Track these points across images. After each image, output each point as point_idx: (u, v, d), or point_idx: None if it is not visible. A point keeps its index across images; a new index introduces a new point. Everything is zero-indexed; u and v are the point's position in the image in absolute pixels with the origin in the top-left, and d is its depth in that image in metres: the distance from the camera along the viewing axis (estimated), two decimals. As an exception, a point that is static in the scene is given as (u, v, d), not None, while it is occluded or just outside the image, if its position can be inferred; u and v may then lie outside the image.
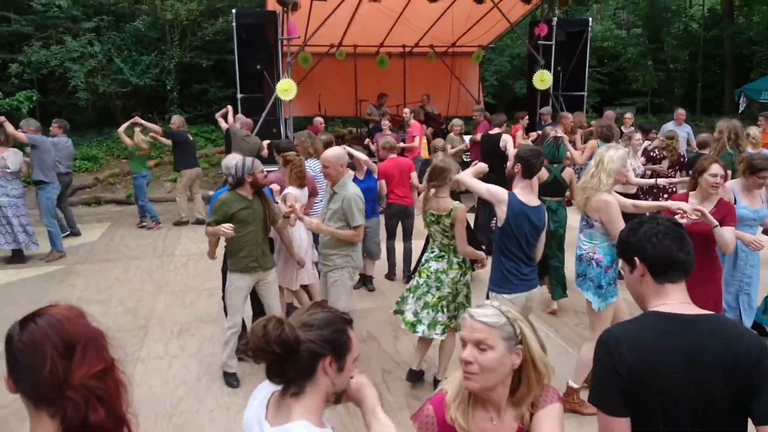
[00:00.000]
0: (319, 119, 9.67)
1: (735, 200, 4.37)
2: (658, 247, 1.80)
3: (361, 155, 6.19)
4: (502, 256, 3.79)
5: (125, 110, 15.60)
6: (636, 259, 1.85)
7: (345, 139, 13.18)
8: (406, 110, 9.93)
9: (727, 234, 3.76)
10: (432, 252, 4.36)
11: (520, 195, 3.74)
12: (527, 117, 10.04)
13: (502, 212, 3.72)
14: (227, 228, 4.26)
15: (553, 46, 11.71)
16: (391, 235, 6.83)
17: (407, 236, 6.79)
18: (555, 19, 11.90)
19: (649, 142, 7.86)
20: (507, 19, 11.70)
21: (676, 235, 1.82)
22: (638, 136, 7.49)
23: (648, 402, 1.69)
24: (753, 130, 7.32)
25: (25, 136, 7.66)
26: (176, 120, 9.92)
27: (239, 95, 10.77)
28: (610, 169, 3.87)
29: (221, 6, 15.44)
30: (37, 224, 8.18)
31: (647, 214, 3.76)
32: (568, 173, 5.86)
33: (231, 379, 4.62)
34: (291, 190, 5.03)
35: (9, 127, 7.52)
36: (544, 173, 5.66)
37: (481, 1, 10.86)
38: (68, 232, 8.89)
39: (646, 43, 20.30)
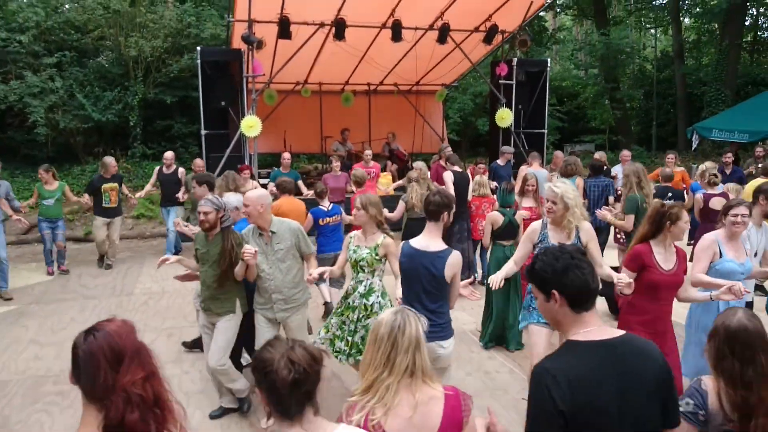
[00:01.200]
0: (286, 155, 9.62)
1: (720, 253, 4.11)
2: (575, 281, 1.91)
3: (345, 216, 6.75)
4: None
5: (87, 146, 15.36)
6: (554, 291, 1.93)
7: (310, 175, 13.18)
8: (368, 151, 9.94)
9: (699, 296, 3.91)
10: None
11: (419, 240, 3.66)
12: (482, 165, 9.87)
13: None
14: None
15: (514, 86, 12.06)
16: None
17: None
18: (515, 59, 12.29)
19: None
20: (469, 59, 12.04)
21: (590, 267, 1.95)
22: None
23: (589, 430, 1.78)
24: (709, 164, 7.81)
25: None
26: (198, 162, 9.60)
27: (203, 131, 10.75)
28: (577, 202, 3.98)
29: (186, 43, 15.46)
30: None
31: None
32: (520, 216, 6.15)
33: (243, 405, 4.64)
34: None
35: None
36: (498, 218, 6.01)
37: (444, 41, 11.14)
38: None
39: (603, 83, 21.02)
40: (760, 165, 10.06)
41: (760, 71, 20.63)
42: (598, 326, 1.93)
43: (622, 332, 1.94)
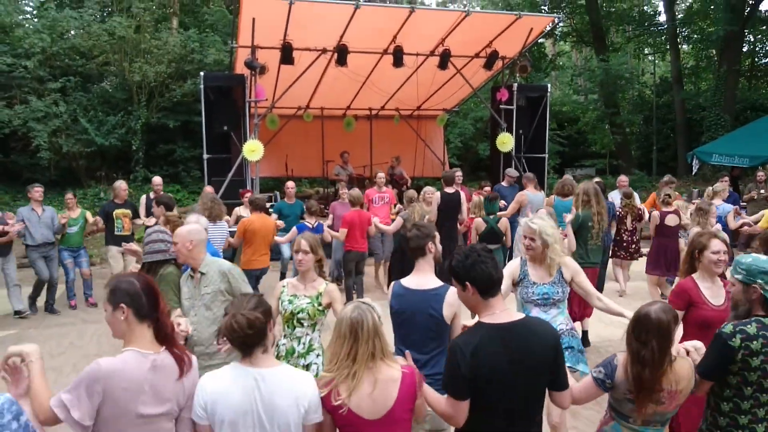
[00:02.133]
0: (290, 184, 9.30)
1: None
2: (483, 273, 2.37)
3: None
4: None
5: (89, 170, 15.44)
6: (467, 283, 2.39)
7: (312, 199, 13.20)
8: (380, 174, 9.47)
9: None
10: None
11: (411, 279, 3.30)
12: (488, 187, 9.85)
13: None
14: None
15: (514, 110, 12.14)
16: (348, 275, 7.81)
17: (359, 272, 7.87)
18: (515, 84, 12.40)
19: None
20: (470, 84, 12.15)
21: (493, 261, 2.40)
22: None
23: (486, 392, 2.31)
24: (718, 186, 8.26)
25: None
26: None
27: (206, 156, 10.80)
28: (556, 238, 3.81)
29: (189, 69, 15.64)
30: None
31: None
32: (503, 224, 6.78)
33: None
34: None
35: None
36: (481, 224, 6.69)
37: (444, 67, 11.25)
38: None
39: (603, 108, 21.16)
40: (762, 191, 10.11)
41: (759, 96, 20.78)
42: (501, 310, 2.39)
43: (522, 316, 2.45)
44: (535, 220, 3.83)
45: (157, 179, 9.00)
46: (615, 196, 9.46)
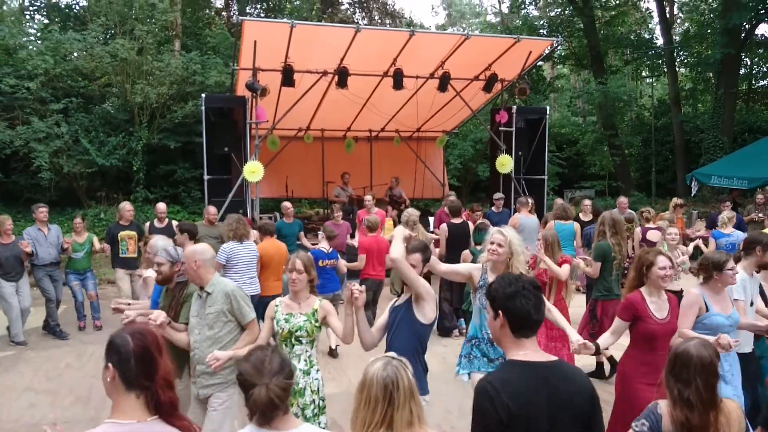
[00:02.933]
0: (287, 204, 9.37)
1: (707, 308, 3.98)
2: (521, 309, 2.13)
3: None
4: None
5: (90, 190, 15.47)
6: (501, 312, 2.17)
7: (311, 220, 13.22)
8: (368, 197, 9.57)
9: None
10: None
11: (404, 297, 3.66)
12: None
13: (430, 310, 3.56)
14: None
15: (514, 132, 12.21)
16: (366, 306, 7.03)
17: (374, 303, 7.49)
18: (514, 107, 12.50)
19: None
20: (469, 106, 12.24)
21: (537, 299, 2.16)
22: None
23: None
24: (727, 214, 8.02)
25: None
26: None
27: (206, 176, 10.84)
28: (522, 250, 4.06)
29: (191, 90, 15.75)
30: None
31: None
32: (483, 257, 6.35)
33: None
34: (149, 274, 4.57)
35: None
36: (468, 256, 6.36)
37: (444, 89, 11.34)
38: None
39: (602, 130, 21.28)
40: (761, 213, 10.12)
41: (756, 119, 20.92)
42: (534, 350, 2.17)
43: (554, 358, 2.23)
44: (505, 230, 4.05)
45: (161, 206, 8.84)
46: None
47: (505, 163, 11.88)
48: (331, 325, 3.72)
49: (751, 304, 4.43)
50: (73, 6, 19.70)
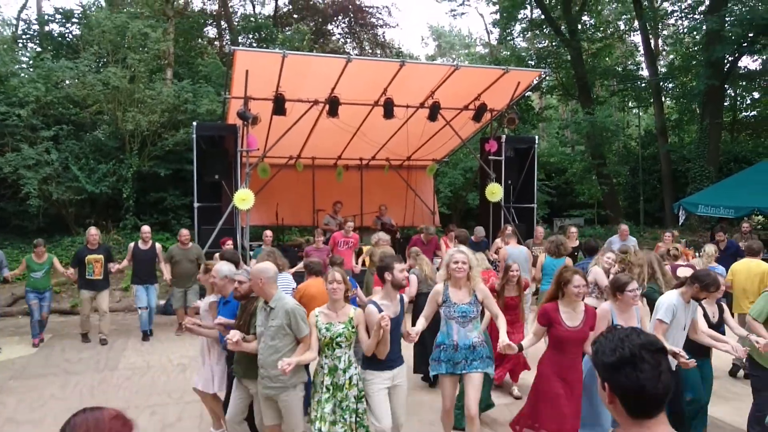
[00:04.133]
0: (268, 233, 9.75)
1: (612, 322, 4.55)
2: (627, 382, 1.62)
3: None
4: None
5: (78, 218, 15.38)
6: (607, 384, 1.66)
7: (302, 248, 13.18)
8: (350, 222, 10.14)
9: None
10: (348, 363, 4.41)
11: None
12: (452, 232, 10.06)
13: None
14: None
15: (503, 161, 12.33)
16: None
17: None
18: (503, 136, 12.65)
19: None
20: (459, 135, 12.36)
21: (653, 368, 1.62)
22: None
23: None
24: (709, 248, 7.98)
25: None
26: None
27: (196, 204, 10.83)
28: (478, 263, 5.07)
29: (182, 118, 15.81)
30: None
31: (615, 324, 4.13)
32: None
33: None
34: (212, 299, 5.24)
35: None
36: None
37: (434, 119, 11.45)
38: None
39: (590, 159, 21.51)
40: (746, 242, 10.19)
41: (741, 149, 21.26)
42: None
43: None
44: (462, 248, 4.81)
45: (145, 228, 9.46)
46: (615, 242, 9.47)
47: (495, 192, 11.97)
48: (359, 334, 4.35)
49: (684, 327, 4.84)
50: (66, 35, 19.83)
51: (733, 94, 22.80)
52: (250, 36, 22.98)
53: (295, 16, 25.64)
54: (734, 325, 5.40)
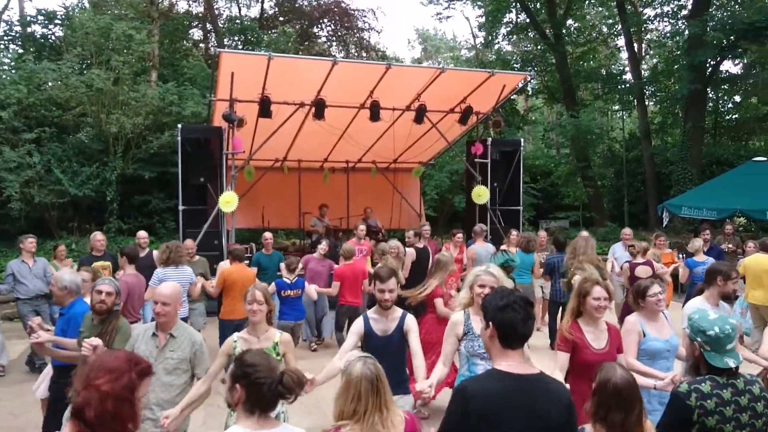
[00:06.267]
0: (267, 235, 9.35)
1: (644, 334, 4.00)
2: (509, 320, 2.28)
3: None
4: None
5: (61, 221, 15.20)
6: (491, 323, 2.33)
7: (288, 251, 13.14)
8: (362, 226, 9.57)
9: (642, 381, 3.49)
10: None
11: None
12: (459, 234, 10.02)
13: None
14: None
15: (489, 164, 12.38)
16: (340, 329, 7.81)
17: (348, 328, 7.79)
18: (489, 139, 12.69)
19: None
20: (445, 138, 12.38)
21: (526, 314, 2.30)
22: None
23: None
24: (699, 241, 8.25)
25: None
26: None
27: (181, 207, 10.75)
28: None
29: (167, 121, 15.70)
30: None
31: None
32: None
33: None
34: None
35: None
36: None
37: (420, 121, 11.47)
38: None
39: (575, 162, 21.67)
40: (730, 244, 10.32)
41: (723, 152, 21.51)
42: (519, 362, 2.29)
43: (537, 371, 2.32)
44: (492, 269, 3.90)
45: (142, 233, 8.80)
46: (618, 249, 9.48)
47: (482, 194, 12.00)
48: (287, 362, 3.67)
49: None
50: (49, 36, 19.61)
51: (715, 98, 23.07)
52: (236, 38, 22.88)
53: (281, 18, 25.58)
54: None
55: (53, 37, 19.52)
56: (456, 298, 4.40)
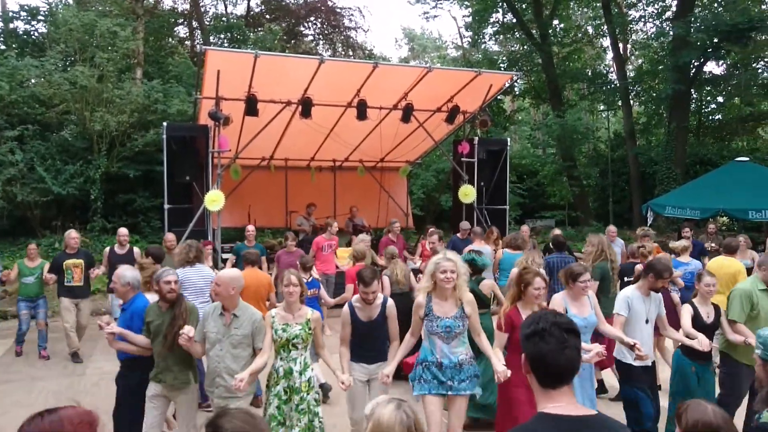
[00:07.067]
0: (250, 227, 9.65)
1: (566, 310, 4.59)
2: (536, 351, 1.85)
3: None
4: None
5: (44, 220, 15.03)
6: (524, 355, 1.90)
7: (274, 250, 13.07)
8: (335, 224, 9.99)
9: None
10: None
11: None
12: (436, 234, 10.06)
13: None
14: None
15: (476, 163, 12.41)
16: None
17: None
18: (476, 138, 12.72)
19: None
20: (432, 137, 12.40)
21: (558, 342, 1.82)
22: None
23: None
24: (683, 242, 8.04)
25: None
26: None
27: (167, 206, 10.66)
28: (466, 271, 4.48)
29: (152, 119, 15.56)
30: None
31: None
32: (486, 285, 6.14)
33: None
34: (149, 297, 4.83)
35: None
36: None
37: (407, 120, 11.48)
38: None
39: (560, 162, 21.81)
40: (713, 243, 10.43)
41: (706, 152, 21.75)
42: (567, 403, 1.85)
43: (594, 412, 1.92)
44: (450, 255, 4.36)
45: (123, 230, 8.80)
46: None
47: (468, 194, 12.03)
48: (316, 337, 4.38)
49: (647, 321, 4.90)
50: (32, 33, 19.36)
51: (698, 99, 23.32)
52: (222, 36, 22.73)
53: (268, 16, 25.45)
54: (728, 329, 5.06)
55: (36, 34, 19.27)
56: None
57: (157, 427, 4.48)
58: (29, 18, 19.19)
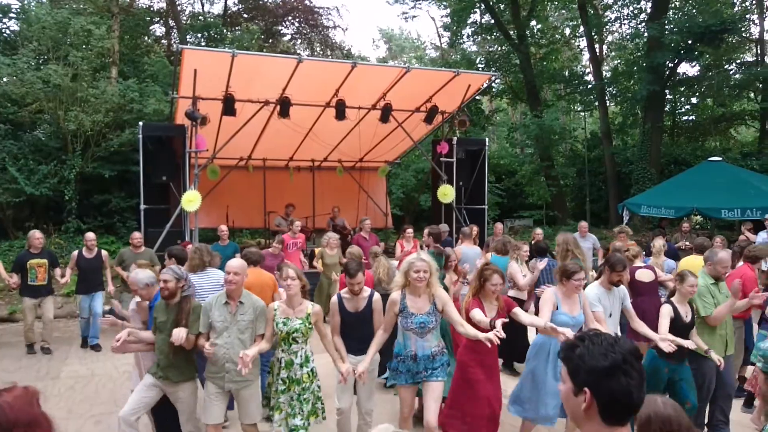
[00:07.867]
0: (223, 227, 9.60)
1: (557, 307, 4.78)
2: (618, 389, 1.58)
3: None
4: None
5: (17, 221, 14.74)
6: (587, 390, 1.60)
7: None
8: (297, 222, 10.09)
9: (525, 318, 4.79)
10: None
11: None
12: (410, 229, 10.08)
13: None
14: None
15: (455, 163, 12.47)
16: None
17: None
18: (455, 138, 12.77)
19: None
20: (411, 137, 12.43)
21: (639, 376, 1.61)
22: (526, 247, 7.89)
23: None
24: (658, 242, 8.00)
25: None
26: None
27: (143, 206, 10.54)
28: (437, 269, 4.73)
29: (128, 118, 15.34)
30: None
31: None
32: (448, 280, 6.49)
33: None
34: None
35: None
36: None
37: (386, 120, 11.49)
38: None
39: (538, 162, 22.00)
40: (687, 242, 10.60)
41: (681, 152, 22.11)
42: None
43: None
44: (423, 255, 4.57)
45: (90, 235, 8.82)
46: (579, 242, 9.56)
47: (447, 193, 12.08)
48: (319, 329, 4.52)
49: (611, 314, 5.11)
50: (3, 30, 18.96)
51: (672, 99, 23.69)
52: (199, 35, 22.51)
53: (245, 15, 25.27)
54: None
55: (8, 32, 18.86)
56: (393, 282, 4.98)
57: (137, 413, 4.47)
58: (0, 16, 18.80)
